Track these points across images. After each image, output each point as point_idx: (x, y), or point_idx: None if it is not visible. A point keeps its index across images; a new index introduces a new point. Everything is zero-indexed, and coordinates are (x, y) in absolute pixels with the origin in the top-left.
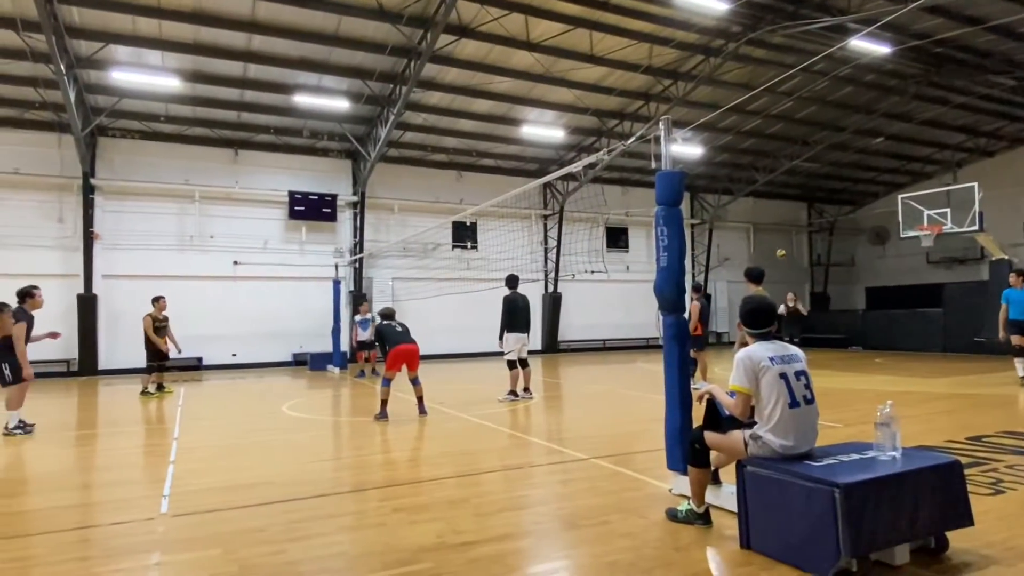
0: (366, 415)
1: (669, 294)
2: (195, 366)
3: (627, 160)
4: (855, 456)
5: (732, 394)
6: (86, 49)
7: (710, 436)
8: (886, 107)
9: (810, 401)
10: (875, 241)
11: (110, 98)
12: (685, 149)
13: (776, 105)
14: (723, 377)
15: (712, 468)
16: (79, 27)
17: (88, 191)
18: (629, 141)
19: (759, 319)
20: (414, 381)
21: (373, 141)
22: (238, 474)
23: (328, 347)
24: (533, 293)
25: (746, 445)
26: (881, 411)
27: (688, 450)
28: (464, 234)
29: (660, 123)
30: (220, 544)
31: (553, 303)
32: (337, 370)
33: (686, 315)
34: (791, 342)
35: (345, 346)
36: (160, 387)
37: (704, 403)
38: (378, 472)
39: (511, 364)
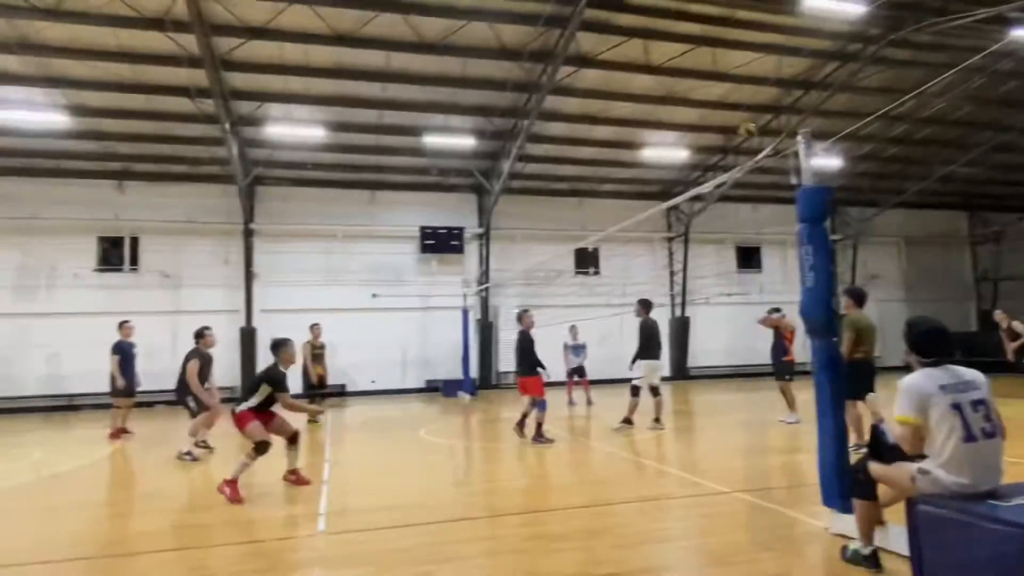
0: (495, 441)
1: (817, 317)
2: (339, 393)
3: (757, 176)
4: None
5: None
6: (245, 108)
7: (875, 467)
8: None
9: (991, 434)
10: None
11: (265, 151)
12: (822, 161)
13: (925, 108)
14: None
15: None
16: (241, 89)
17: (248, 235)
18: (760, 156)
19: (939, 344)
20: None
21: (497, 174)
22: (384, 495)
23: (459, 374)
24: (660, 317)
25: (914, 480)
26: None
27: (851, 481)
28: (587, 261)
29: (799, 137)
30: (373, 563)
31: (681, 327)
32: (467, 396)
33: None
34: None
35: (475, 372)
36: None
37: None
38: (513, 498)
39: (636, 390)
